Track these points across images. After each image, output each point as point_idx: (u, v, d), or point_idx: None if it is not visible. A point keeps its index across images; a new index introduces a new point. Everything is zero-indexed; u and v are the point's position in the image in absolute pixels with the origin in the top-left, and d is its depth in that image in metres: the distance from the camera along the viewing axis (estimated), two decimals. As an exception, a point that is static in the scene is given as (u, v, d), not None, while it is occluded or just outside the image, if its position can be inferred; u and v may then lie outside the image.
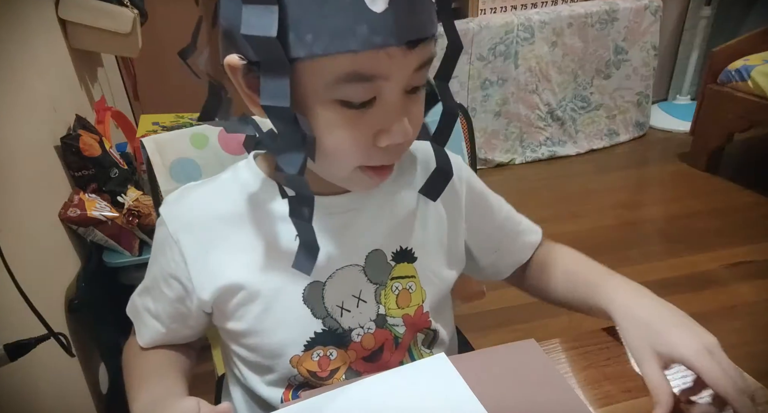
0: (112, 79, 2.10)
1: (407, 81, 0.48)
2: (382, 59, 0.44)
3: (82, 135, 1.26)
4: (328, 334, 0.60)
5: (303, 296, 0.59)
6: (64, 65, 1.52)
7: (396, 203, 0.63)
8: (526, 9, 2.56)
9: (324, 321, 0.60)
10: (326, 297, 0.60)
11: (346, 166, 0.52)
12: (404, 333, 0.64)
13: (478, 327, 1.10)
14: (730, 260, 1.89)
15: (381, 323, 0.62)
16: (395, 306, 0.63)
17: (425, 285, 0.64)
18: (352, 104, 0.47)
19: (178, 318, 0.63)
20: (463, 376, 0.57)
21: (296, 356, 0.60)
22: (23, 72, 1.20)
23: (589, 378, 0.58)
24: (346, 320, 0.61)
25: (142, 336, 0.65)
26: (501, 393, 0.56)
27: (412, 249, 0.63)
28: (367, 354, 0.62)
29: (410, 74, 0.47)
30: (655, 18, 2.61)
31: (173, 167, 0.77)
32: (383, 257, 0.62)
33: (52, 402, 1.01)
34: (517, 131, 2.65)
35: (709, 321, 0.54)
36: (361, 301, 0.61)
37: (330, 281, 0.60)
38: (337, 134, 0.49)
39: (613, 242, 2.05)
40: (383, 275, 0.62)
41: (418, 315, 0.64)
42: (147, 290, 0.64)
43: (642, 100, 2.78)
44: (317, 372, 0.61)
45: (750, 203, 2.23)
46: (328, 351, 0.61)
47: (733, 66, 2.24)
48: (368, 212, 0.61)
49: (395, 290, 0.62)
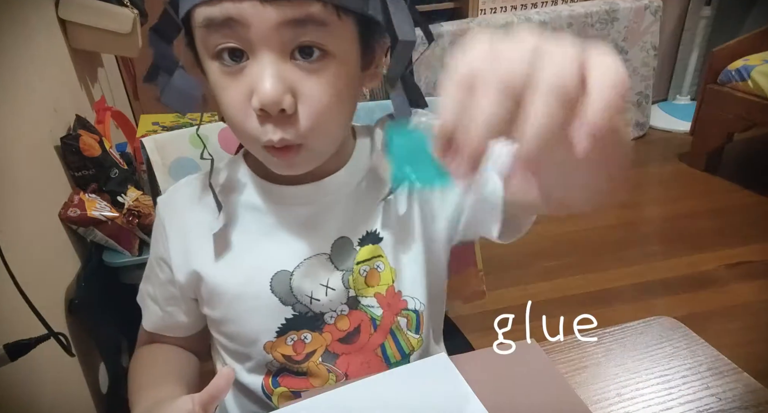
0: (112, 79, 2.09)
1: (277, 37, 0.47)
2: (227, 4, 0.46)
3: (82, 135, 1.26)
4: (300, 318, 0.61)
5: (270, 286, 0.60)
6: (64, 65, 1.52)
7: (362, 189, 0.62)
8: (526, 9, 2.56)
9: (294, 307, 0.61)
10: (294, 286, 0.60)
11: (245, 141, 0.54)
12: (382, 315, 0.63)
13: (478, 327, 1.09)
14: (730, 260, 1.89)
15: (354, 304, 0.63)
16: (364, 286, 0.62)
17: (395, 264, 0.63)
18: (225, 61, 0.49)
19: (172, 301, 0.66)
20: (464, 376, 0.57)
21: (269, 342, 0.62)
22: (23, 72, 1.20)
23: (589, 378, 0.58)
24: (316, 306, 0.61)
25: (146, 320, 0.69)
26: (501, 393, 0.56)
27: (377, 230, 0.62)
28: (342, 335, 0.63)
29: (275, 29, 0.46)
30: (655, 18, 2.61)
31: (173, 167, 0.77)
32: (349, 244, 0.62)
33: (52, 402, 1.01)
34: (517, 131, 2.65)
35: (709, 320, 0.54)
36: (329, 289, 0.61)
37: (297, 271, 0.60)
38: (221, 96, 0.51)
39: (613, 242, 2.05)
40: (349, 261, 0.62)
41: (390, 294, 0.63)
42: (147, 275, 0.68)
43: (642, 100, 2.78)
44: (292, 355, 0.62)
45: (750, 203, 2.23)
46: (302, 335, 0.62)
47: (733, 66, 2.24)
48: (334, 200, 0.61)
49: (362, 272, 0.62)
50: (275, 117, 0.48)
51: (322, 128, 0.51)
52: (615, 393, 0.56)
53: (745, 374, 0.57)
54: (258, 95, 0.47)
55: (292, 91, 0.48)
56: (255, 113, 0.49)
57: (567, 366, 0.60)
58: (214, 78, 0.51)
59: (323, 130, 0.52)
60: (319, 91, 0.49)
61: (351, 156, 0.62)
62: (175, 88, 0.53)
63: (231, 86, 0.49)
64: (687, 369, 0.58)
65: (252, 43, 0.47)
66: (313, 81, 0.49)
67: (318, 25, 0.47)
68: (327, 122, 0.51)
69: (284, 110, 0.48)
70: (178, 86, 0.53)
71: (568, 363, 0.60)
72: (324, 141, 0.54)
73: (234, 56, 0.49)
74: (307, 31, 0.47)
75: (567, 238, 2.08)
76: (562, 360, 0.61)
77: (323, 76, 0.49)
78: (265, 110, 0.47)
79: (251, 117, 0.50)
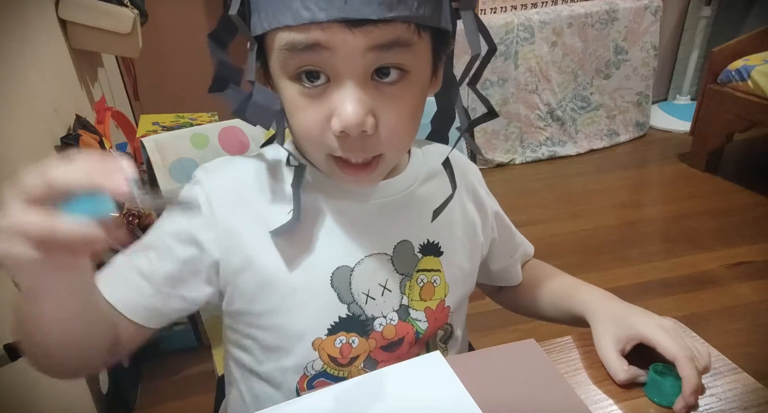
0: (112, 79, 2.10)
1: (362, 63, 0.47)
2: (314, 31, 0.46)
3: (82, 135, 1.26)
4: (352, 320, 0.60)
5: (331, 280, 0.59)
6: (64, 65, 1.52)
7: (426, 198, 0.64)
8: (526, 9, 2.56)
9: (349, 307, 0.60)
10: (353, 283, 0.60)
11: (315, 152, 0.54)
12: (426, 329, 0.64)
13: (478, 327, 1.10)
14: (730, 260, 1.89)
15: (404, 315, 0.63)
16: (418, 298, 0.63)
17: (449, 281, 0.65)
18: (305, 82, 0.49)
19: (176, 283, 0.57)
20: (464, 376, 0.57)
21: (319, 339, 0.60)
22: (23, 72, 1.20)
23: (589, 378, 0.58)
24: (371, 307, 0.61)
25: (114, 292, 0.55)
26: (502, 393, 0.56)
27: (439, 243, 0.64)
28: (385, 344, 0.62)
29: (360, 55, 0.47)
30: (655, 18, 2.61)
31: (173, 167, 0.77)
32: (411, 249, 0.63)
33: (52, 402, 1.01)
34: (517, 131, 2.65)
35: (709, 321, 0.55)
36: (386, 290, 0.61)
37: (358, 267, 0.60)
38: (297, 117, 0.52)
39: (613, 242, 2.05)
40: (410, 267, 0.63)
41: (439, 309, 0.65)
42: (147, 248, 0.58)
43: (642, 100, 2.78)
44: (338, 358, 0.61)
45: (750, 203, 2.23)
46: (350, 338, 0.61)
47: (733, 66, 2.24)
48: (393, 202, 0.62)
49: (420, 282, 0.63)
50: (354, 136, 0.49)
51: (399, 143, 0.55)
52: (615, 393, 0.56)
53: (745, 374, 0.57)
54: (340, 119, 0.48)
55: (372, 112, 0.49)
56: (334, 134, 0.50)
57: (567, 366, 0.60)
58: (291, 97, 0.51)
59: (399, 144, 0.56)
60: (398, 111, 0.51)
61: (408, 162, 0.65)
62: (256, 105, 0.53)
63: (309, 108, 0.50)
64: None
65: (335, 68, 0.48)
66: (392, 100, 0.51)
67: (402, 47, 0.48)
68: (404, 137, 0.55)
69: (365, 131, 0.49)
70: (259, 102, 0.52)
71: (568, 363, 0.60)
72: (398, 153, 0.58)
73: (312, 76, 0.49)
74: (391, 53, 0.48)
75: (567, 238, 2.09)
76: (562, 360, 0.61)
77: (401, 95, 0.51)
78: (345, 132, 0.49)
79: (328, 135, 0.51)
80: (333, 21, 0.45)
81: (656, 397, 0.54)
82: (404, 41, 0.48)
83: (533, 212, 2.28)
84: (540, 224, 2.18)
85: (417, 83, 0.52)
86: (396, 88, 0.50)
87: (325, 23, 0.45)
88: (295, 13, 0.45)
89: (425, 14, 0.47)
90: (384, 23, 0.46)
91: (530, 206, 2.34)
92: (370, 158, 0.53)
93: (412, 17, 0.47)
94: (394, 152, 0.56)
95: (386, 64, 0.49)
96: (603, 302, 0.65)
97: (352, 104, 0.47)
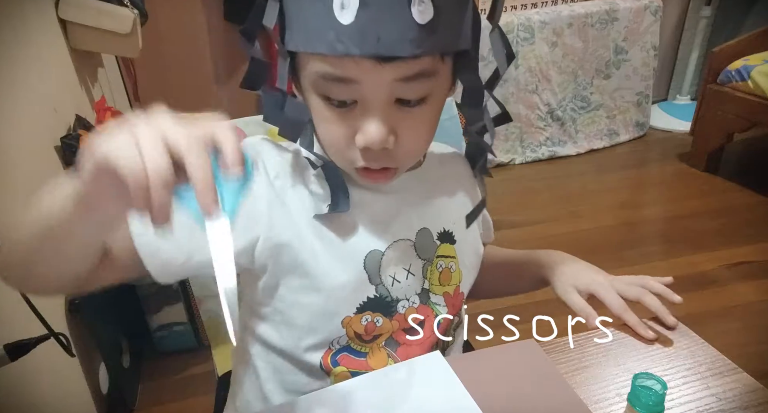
0: (112, 79, 2.10)
1: (388, 91, 0.51)
2: (349, 65, 0.49)
3: (82, 135, 1.26)
4: (378, 301, 0.64)
5: (364, 262, 0.63)
6: (64, 65, 1.52)
7: (441, 188, 0.70)
8: (526, 9, 2.56)
9: (377, 288, 0.64)
10: (383, 266, 0.64)
11: (340, 160, 0.58)
12: (445, 317, 0.67)
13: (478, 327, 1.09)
14: (730, 260, 1.89)
15: (425, 299, 0.67)
16: (438, 283, 0.68)
17: (463, 267, 0.70)
18: (333, 102, 0.53)
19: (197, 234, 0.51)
20: (464, 376, 0.57)
21: (348, 317, 0.63)
22: (23, 72, 1.20)
23: (589, 378, 0.58)
24: (396, 290, 0.65)
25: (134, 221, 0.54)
26: (502, 393, 0.56)
27: (453, 233, 0.69)
28: (408, 327, 0.66)
29: (387, 86, 0.50)
30: (655, 18, 2.61)
31: (173, 167, 0.76)
32: (430, 236, 0.67)
33: (52, 402, 1.01)
34: (517, 131, 2.65)
35: (709, 320, 0.54)
36: (410, 274, 0.65)
37: (388, 251, 0.64)
38: (323, 127, 0.55)
39: (613, 243, 2.05)
40: (430, 253, 0.67)
41: (456, 294, 0.69)
42: None
43: (642, 100, 2.78)
44: (362, 334, 0.64)
45: (750, 203, 2.23)
46: (375, 318, 0.64)
47: (733, 66, 2.24)
48: (418, 193, 0.67)
49: (439, 267, 0.68)
50: (376, 151, 0.53)
51: (416, 154, 0.61)
52: (615, 393, 0.56)
53: (745, 374, 0.57)
54: (364, 137, 0.52)
55: (393, 131, 0.53)
56: (358, 147, 0.54)
57: (567, 366, 0.60)
58: (319, 109, 0.54)
59: (417, 155, 0.62)
60: (418, 128, 0.56)
61: (426, 156, 0.68)
62: (287, 118, 0.56)
63: (336, 122, 0.54)
64: (687, 369, 0.59)
65: (363, 95, 0.51)
66: (413, 120, 0.54)
67: (427, 77, 0.52)
68: (422, 148, 0.61)
69: (386, 148, 0.53)
70: (290, 116, 0.56)
71: (568, 363, 0.61)
72: (415, 161, 0.62)
73: (344, 103, 0.52)
74: (416, 83, 0.51)
75: (567, 238, 2.08)
76: (562, 360, 0.61)
77: (421, 115, 0.55)
78: (368, 147, 0.53)
79: (352, 148, 0.54)
80: (365, 56, 0.48)
81: (638, 406, 0.53)
82: (429, 72, 0.51)
83: (533, 212, 2.28)
84: (540, 224, 2.18)
85: (436, 102, 0.56)
86: (417, 110, 0.54)
87: (358, 57, 0.48)
88: (330, 45, 0.48)
89: (450, 42, 0.51)
90: (413, 59, 0.49)
91: (530, 206, 2.34)
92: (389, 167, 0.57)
93: (438, 49, 0.50)
94: (411, 161, 0.60)
95: (409, 98, 0.52)
96: (558, 262, 0.73)
97: (376, 125, 0.52)
